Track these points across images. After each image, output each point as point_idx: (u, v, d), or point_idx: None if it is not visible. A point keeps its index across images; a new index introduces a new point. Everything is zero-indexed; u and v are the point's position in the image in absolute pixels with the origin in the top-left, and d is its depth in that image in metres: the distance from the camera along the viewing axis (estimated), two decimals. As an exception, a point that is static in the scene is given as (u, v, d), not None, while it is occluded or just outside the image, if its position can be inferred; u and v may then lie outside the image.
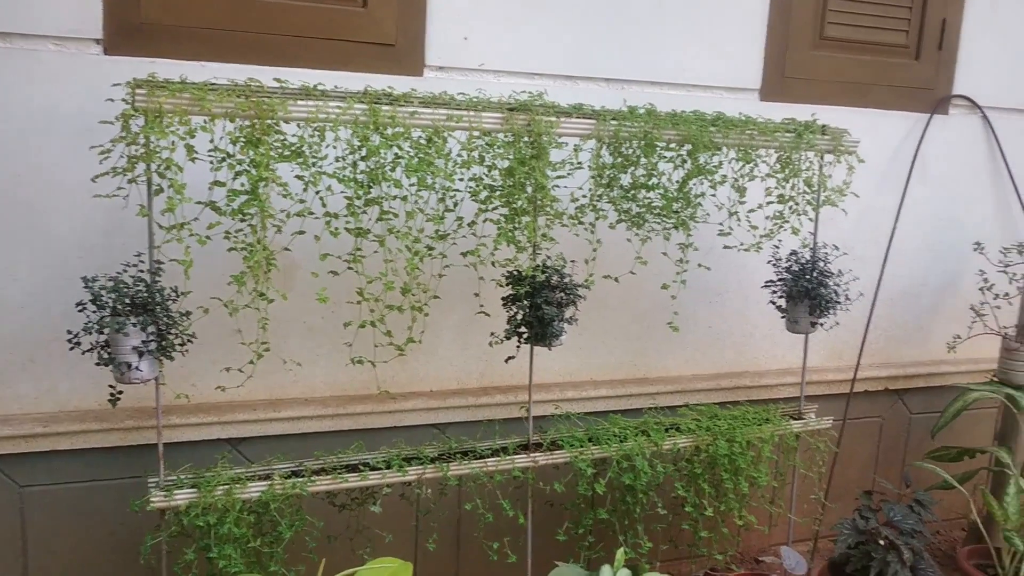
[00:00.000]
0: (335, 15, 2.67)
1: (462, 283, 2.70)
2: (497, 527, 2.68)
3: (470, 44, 2.84)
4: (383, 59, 2.74)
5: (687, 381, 3.32)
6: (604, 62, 3.04)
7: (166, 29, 2.51)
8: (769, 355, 3.52)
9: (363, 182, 2.27)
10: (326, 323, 2.78)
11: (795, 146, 2.81)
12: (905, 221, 3.58)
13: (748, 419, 2.98)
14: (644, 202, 2.67)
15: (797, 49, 3.33)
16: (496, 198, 2.44)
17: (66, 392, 2.56)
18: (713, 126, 2.68)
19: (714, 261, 3.10)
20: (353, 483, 2.44)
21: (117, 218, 2.50)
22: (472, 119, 2.37)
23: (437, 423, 2.95)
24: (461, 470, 2.56)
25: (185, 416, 2.61)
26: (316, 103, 2.20)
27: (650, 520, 2.85)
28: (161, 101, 2.04)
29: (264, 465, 2.43)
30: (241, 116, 2.12)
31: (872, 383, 3.68)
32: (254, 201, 2.13)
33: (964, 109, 3.69)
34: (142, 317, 2.11)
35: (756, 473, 2.94)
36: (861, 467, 3.79)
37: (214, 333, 2.60)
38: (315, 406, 2.76)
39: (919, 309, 3.78)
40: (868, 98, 3.49)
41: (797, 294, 2.93)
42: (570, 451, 2.69)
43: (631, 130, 2.56)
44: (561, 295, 2.54)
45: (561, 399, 3.06)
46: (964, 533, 3.89)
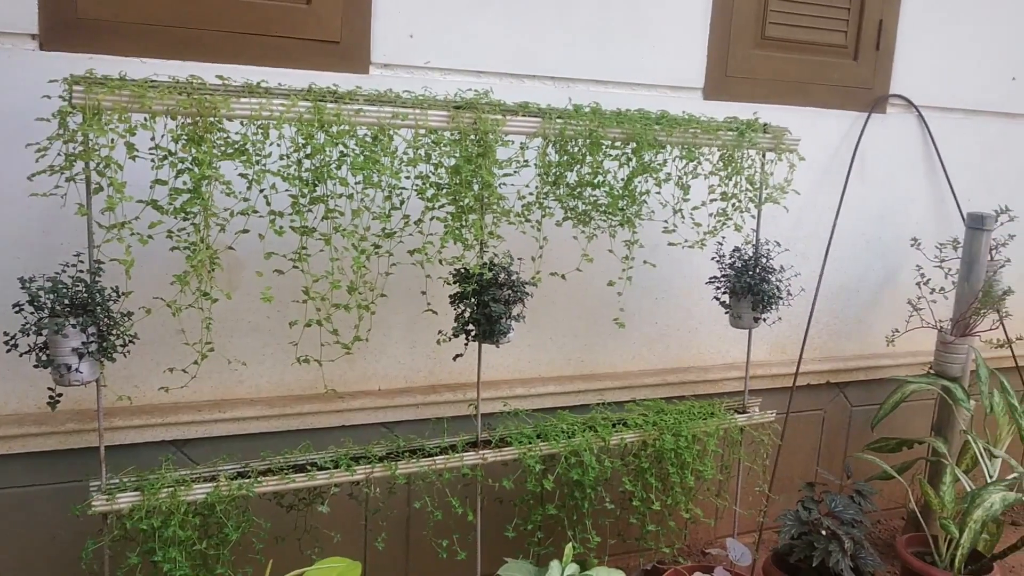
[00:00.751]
0: (278, 12, 2.64)
1: (409, 281, 2.70)
2: (446, 525, 2.69)
3: (416, 42, 2.84)
4: (328, 56, 2.72)
5: (634, 377, 3.35)
6: (550, 61, 3.05)
7: (104, 24, 2.46)
8: (714, 350, 3.57)
9: (308, 180, 2.25)
10: (272, 322, 2.76)
11: (737, 144, 2.86)
12: (844, 218, 3.65)
13: (694, 413, 3.03)
14: (590, 200, 2.69)
15: (739, 49, 3.38)
16: (443, 196, 2.45)
17: (2, 395, 2.50)
18: (657, 124, 2.71)
19: (659, 258, 3.13)
20: (301, 483, 2.43)
21: (55, 217, 2.44)
22: (418, 117, 2.37)
23: (386, 422, 2.94)
24: (410, 468, 2.56)
25: (128, 418, 2.57)
26: (259, 100, 2.18)
27: (598, 515, 2.88)
28: (100, 98, 2.00)
29: (210, 466, 2.40)
30: (183, 113, 2.09)
31: (814, 376, 3.75)
32: (197, 200, 2.10)
33: (901, 108, 3.78)
34: (82, 318, 2.07)
35: (702, 467, 2.99)
36: (804, 459, 3.86)
37: (157, 333, 2.56)
38: (261, 406, 2.74)
39: (859, 304, 3.87)
40: (808, 97, 3.56)
41: (740, 290, 2.98)
42: (519, 448, 2.70)
43: (576, 128, 2.58)
44: (508, 293, 2.55)
45: (510, 396, 3.07)
46: (903, 522, 3.99)
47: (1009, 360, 3.98)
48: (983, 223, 3.47)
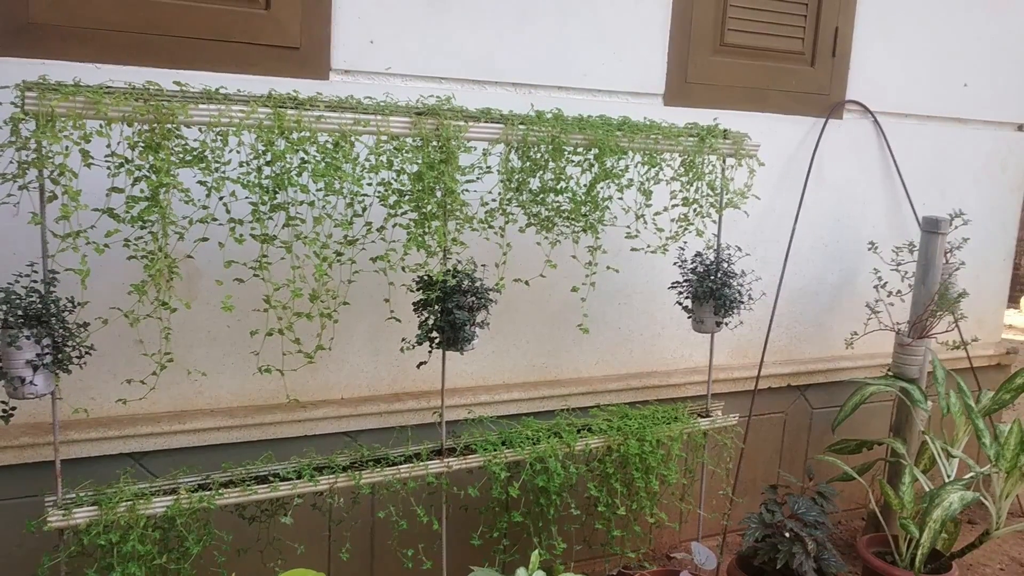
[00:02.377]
0: (237, 17, 2.61)
1: (372, 289, 2.68)
2: (411, 534, 2.67)
3: (376, 47, 2.82)
4: (287, 62, 2.70)
5: (598, 382, 3.36)
6: (510, 67, 3.05)
7: (57, 29, 2.41)
8: (677, 355, 3.59)
9: (268, 187, 2.22)
10: (232, 332, 2.72)
11: (698, 150, 2.88)
12: (803, 222, 3.69)
13: (658, 418, 3.04)
14: (553, 206, 2.69)
15: (698, 55, 3.40)
16: (405, 203, 2.43)
17: (-46, 409, 2.44)
18: (619, 130, 2.72)
19: (622, 263, 3.14)
20: (263, 495, 2.39)
21: (7, 227, 2.39)
22: (380, 123, 2.35)
23: (349, 431, 2.91)
24: (374, 478, 2.53)
25: (84, 431, 2.51)
26: (218, 107, 2.15)
27: (564, 521, 2.87)
28: (53, 105, 1.96)
29: (169, 479, 2.36)
30: (140, 120, 2.05)
31: (775, 380, 3.79)
32: (155, 207, 2.06)
33: (857, 114, 3.84)
34: (36, 329, 2.02)
35: (666, 471, 2.99)
36: (766, 462, 3.90)
37: (114, 344, 2.51)
38: (221, 417, 2.70)
39: (818, 307, 3.91)
40: (767, 103, 3.59)
41: (702, 294, 3.00)
42: (484, 455, 2.69)
43: (539, 134, 2.58)
44: (472, 300, 2.54)
45: (474, 403, 3.05)
46: (863, 522, 4.04)
47: (965, 361, 4.06)
48: (938, 227, 3.52)
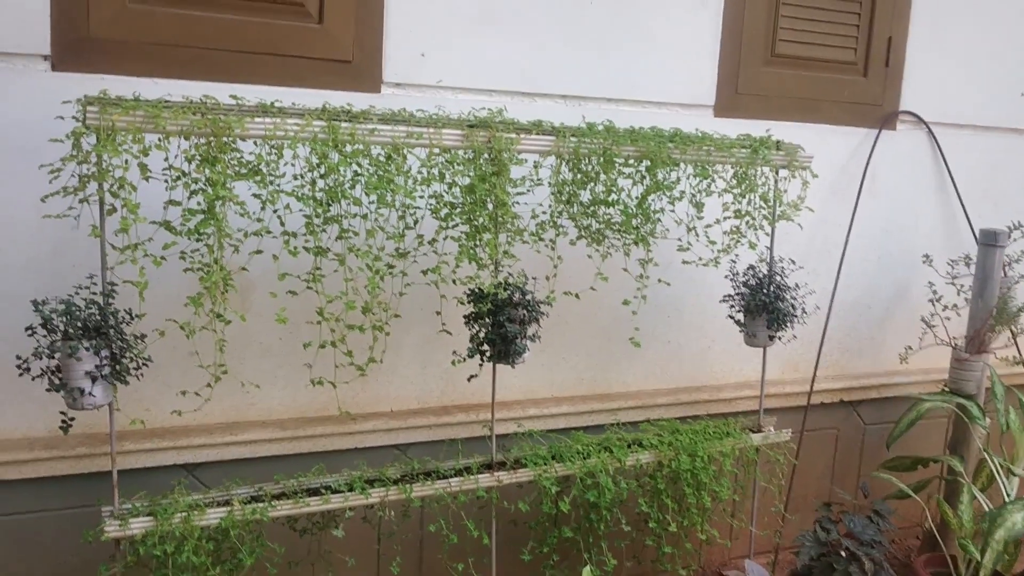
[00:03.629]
0: (290, 31, 2.63)
1: (421, 301, 2.68)
2: (461, 548, 2.65)
3: (427, 61, 2.82)
4: (340, 76, 2.71)
5: (647, 396, 3.32)
6: (560, 79, 3.04)
7: (116, 44, 2.45)
8: (727, 369, 3.54)
9: (322, 200, 2.23)
10: (284, 344, 2.73)
11: (751, 162, 2.84)
12: (855, 234, 3.63)
13: (709, 433, 3.00)
14: (604, 218, 2.67)
15: (749, 66, 3.37)
16: (457, 215, 2.43)
17: (12, 419, 2.47)
18: (671, 142, 2.69)
19: (672, 276, 3.10)
20: (315, 507, 2.39)
21: (67, 239, 2.42)
22: (432, 136, 2.35)
23: (398, 444, 2.91)
24: (425, 491, 2.53)
25: (139, 442, 2.54)
26: (274, 120, 2.16)
27: (614, 537, 2.84)
28: (114, 119, 1.98)
29: (222, 490, 2.37)
30: (197, 134, 2.08)
31: (827, 395, 3.72)
32: (211, 220, 2.08)
33: (910, 124, 3.77)
34: (95, 341, 2.05)
35: (718, 487, 2.95)
36: (818, 478, 3.83)
37: (168, 356, 2.53)
38: (273, 428, 2.71)
39: (871, 321, 3.84)
40: (818, 114, 3.55)
41: (755, 308, 2.96)
42: (534, 469, 2.67)
43: (590, 146, 2.56)
44: (523, 312, 2.52)
45: (523, 417, 3.04)
46: (918, 541, 3.94)
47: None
48: (996, 239, 3.44)
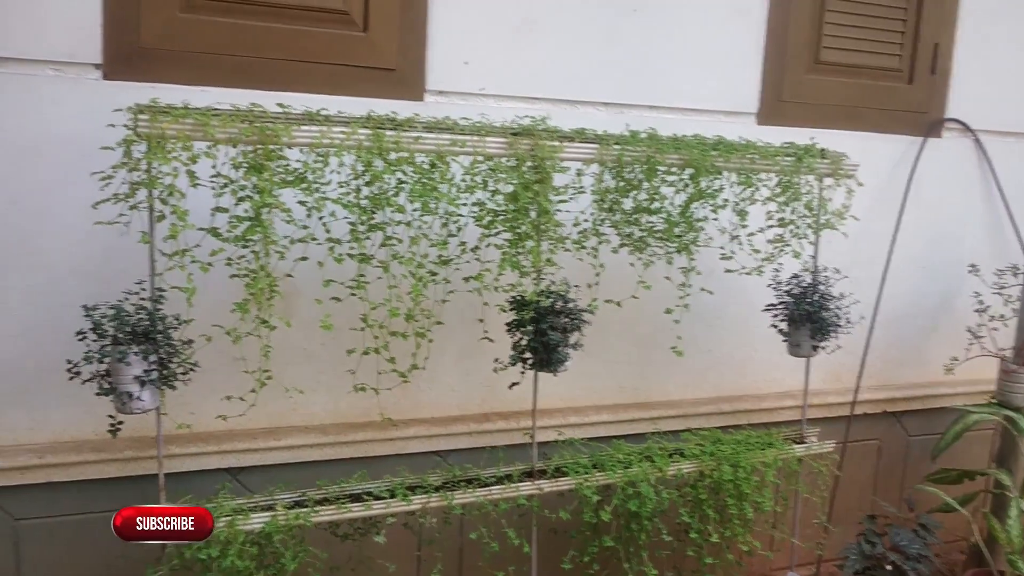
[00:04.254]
0: (335, 40, 2.66)
1: (463, 308, 2.67)
2: (501, 556, 2.64)
3: (470, 68, 2.83)
4: (384, 84, 2.73)
5: (688, 405, 3.30)
6: (602, 86, 3.04)
7: (166, 54, 2.48)
8: (768, 378, 3.51)
9: (366, 207, 2.24)
10: (326, 349, 2.75)
11: (795, 170, 2.82)
12: (899, 243, 3.58)
13: (751, 443, 2.97)
14: (646, 226, 2.66)
15: (793, 73, 3.34)
16: (500, 223, 2.43)
17: (61, 422, 2.51)
18: (715, 150, 2.68)
19: (714, 285, 3.08)
20: (357, 513, 2.40)
21: (114, 244, 2.45)
22: (476, 144, 2.35)
23: (439, 450, 2.91)
24: (466, 499, 2.53)
25: (184, 446, 2.57)
26: (320, 128, 2.18)
27: (655, 547, 2.81)
28: (164, 127, 2.01)
29: (266, 495, 2.39)
30: (244, 142, 2.10)
31: (870, 405, 3.67)
32: (257, 227, 2.10)
33: (957, 132, 3.72)
34: (144, 346, 2.07)
35: (760, 498, 2.92)
36: (860, 490, 3.77)
37: (212, 361, 2.54)
38: (315, 434, 2.72)
39: (915, 331, 3.78)
40: (862, 122, 3.51)
41: (799, 317, 2.93)
42: (575, 478, 2.66)
43: (634, 154, 2.55)
44: (566, 320, 2.52)
45: (563, 425, 3.03)
46: (963, 556, 3.87)
47: (1072, 389, 3.87)
48: (1046, 249, 3.38)
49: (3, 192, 2.38)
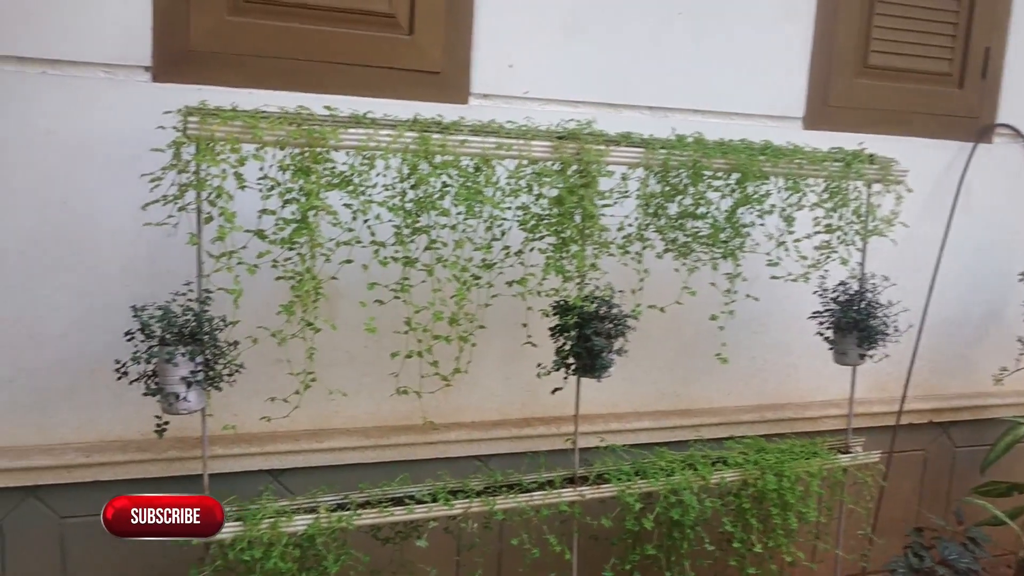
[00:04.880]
0: (381, 43, 2.66)
1: (505, 312, 2.66)
2: (542, 562, 2.62)
3: (515, 72, 2.82)
4: (429, 87, 2.72)
5: (730, 413, 3.26)
6: (647, 90, 3.01)
7: (213, 56, 2.50)
8: (812, 386, 3.46)
9: (411, 211, 2.24)
10: (368, 352, 2.75)
11: (843, 175, 2.77)
12: (947, 251, 3.51)
13: (796, 452, 2.92)
14: (691, 231, 2.63)
15: (840, 77, 3.29)
16: (544, 227, 2.41)
17: (108, 421, 2.53)
18: (762, 155, 2.64)
19: (758, 291, 3.04)
20: (399, 516, 2.39)
21: (160, 245, 2.48)
22: (522, 148, 2.34)
23: (479, 455, 2.90)
24: (507, 504, 2.51)
25: (228, 447, 2.58)
26: (367, 131, 2.18)
27: (697, 556, 2.78)
28: (213, 129, 2.02)
29: (309, 498, 2.39)
30: (292, 144, 2.10)
31: (916, 415, 3.61)
32: (304, 230, 2.10)
33: (1008, 138, 3.64)
34: (191, 347, 2.08)
35: (804, 508, 2.87)
36: (904, 501, 3.71)
37: (255, 362, 2.55)
38: (358, 437, 2.72)
39: (963, 340, 3.71)
40: (911, 127, 3.45)
41: (846, 325, 2.88)
42: (617, 485, 2.63)
43: (680, 159, 2.53)
44: (610, 326, 2.49)
45: (604, 431, 3.00)
46: (1009, 570, 3.79)
47: None
48: (1100, 257, 3.30)
49: (54, 192, 2.40)
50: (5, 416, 2.44)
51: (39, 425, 2.47)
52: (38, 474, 2.45)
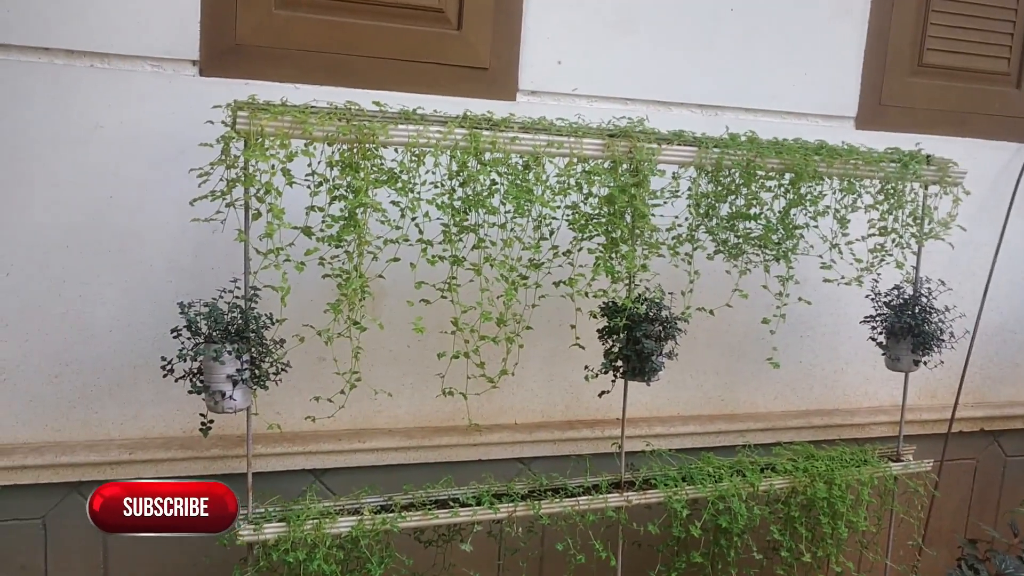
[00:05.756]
0: (428, 38, 2.62)
1: (549, 313, 2.62)
2: (585, 568, 2.57)
3: (563, 68, 2.77)
4: (476, 83, 2.68)
5: (777, 418, 3.19)
6: (696, 88, 2.95)
7: (261, 51, 2.47)
8: (860, 392, 3.38)
9: (460, 208, 2.20)
10: (412, 351, 2.71)
11: (901, 177, 2.69)
12: (1003, 255, 3.42)
13: (846, 460, 2.85)
14: (743, 233, 2.56)
15: (894, 76, 3.21)
16: (594, 226, 2.36)
17: (151, 418, 2.51)
18: (817, 155, 2.57)
19: (807, 294, 2.97)
20: (444, 519, 2.35)
21: (205, 241, 2.46)
22: (573, 145, 2.29)
23: (522, 457, 2.85)
24: (553, 508, 2.46)
25: (270, 445, 2.55)
26: (416, 128, 2.14)
27: (744, 564, 2.72)
28: (263, 123, 1.99)
29: (352, 499, 2.35)
30: (341, 140, 2.07)
31: (967, 423, 3.52)
32: (353, 227, 2.06)
33: (1066, 139, 3.54)
34: (237, 345, 2.05)
35: (855, 517, 2.80)
36: (953, 511, 3.62)
37: (298, 360, 2.52)
38: (400, 437, 2.69)
39: (1017, 347, 3.61)
40: (966, 127, 3.36)
41: (900, 331, 2.80)
42: (664, 491, 2.57)
43: (734, 158, 2.46)
44: (659, 328, 2.44)
45: (649, 435, 2.95)
46: (1062, 584, 3.69)
47: None
48: None
49: (101, 188, 2.39)
50: (50, 411, 2.43)
51: (84, 421, 2.46)
52: (82, 470, 2.43)
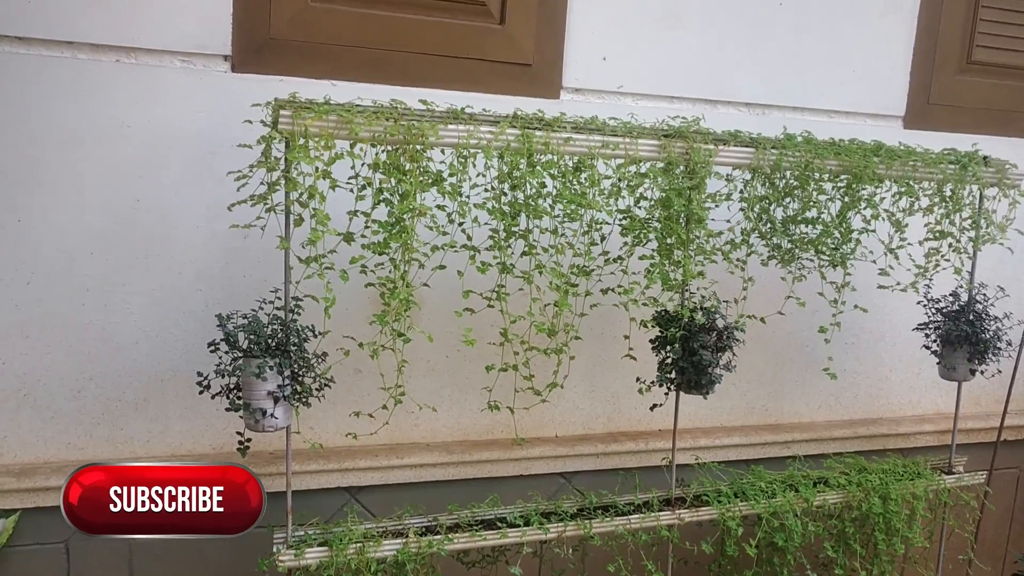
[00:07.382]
0: (470, 32, 2.49)
1: (592, 322, 2.50)
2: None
3: (608, 65, 2.65)
4: (519, 80, 2.55)
5: (822, 428, 3.07)
6: (743, 86, 2.83)
7: (295, 45, 2.34)
8: (904, 400, 3.27)
9: (509, 213, 2.07)
10: (450, 363, 2.58)
11: (959, 178, 2.58)
12: (1050, 258, 3.32)
13: (899, 473, 2.74)
14: (797, 237, 2.44)
15: (943, 74, 3.10)
16: (649, 231, 2.23)
17: (179, 434, 2.38)
18: (876, 156, 2.45)
19: (856, 300, 2.86)
20: (492, 541, 2.23)
21: (237, 248, 2.33)
22: (627, 146, 2.16)
23: (564, 471, 2.73)
24: (603, 527, 2.34)
25: (304, 463, 2.42)
26: (467, 127, 2.01)
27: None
28: (307, 123, 1.85)
29: (395, 520, 2.23)
30: (389, 141, 1.93)
31: (1011, 432, 3.41)
32: (401, 233, 1.93)
33: (1117, 139, 3.43)
34: (278, 360, 1.92)
35: (910, 532, 2.69)
36: (997, 522, 3.51)
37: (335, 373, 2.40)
38: (439, 452, 2.55)
39: (1060, 353, 3.51)
40: (1016, 126, 3.24)
41: (956, 339, 2.69)
42: (718, 508, 2.45)
43: (792, 159, 2.34)
44: (715, 339, 2.32)
45: (694, 447, 2.83)
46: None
47: None
48: None
49: (127, 190, 2.24)
50: (73, 428, 2.29)
51: (108, 438, 2.32)
52: (106, 489, 2.30)
